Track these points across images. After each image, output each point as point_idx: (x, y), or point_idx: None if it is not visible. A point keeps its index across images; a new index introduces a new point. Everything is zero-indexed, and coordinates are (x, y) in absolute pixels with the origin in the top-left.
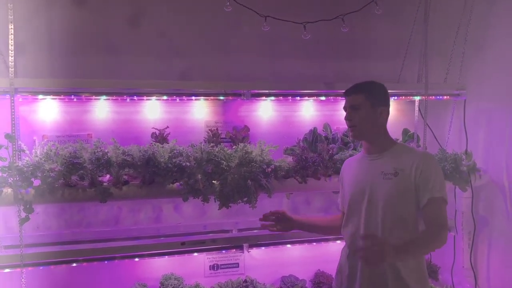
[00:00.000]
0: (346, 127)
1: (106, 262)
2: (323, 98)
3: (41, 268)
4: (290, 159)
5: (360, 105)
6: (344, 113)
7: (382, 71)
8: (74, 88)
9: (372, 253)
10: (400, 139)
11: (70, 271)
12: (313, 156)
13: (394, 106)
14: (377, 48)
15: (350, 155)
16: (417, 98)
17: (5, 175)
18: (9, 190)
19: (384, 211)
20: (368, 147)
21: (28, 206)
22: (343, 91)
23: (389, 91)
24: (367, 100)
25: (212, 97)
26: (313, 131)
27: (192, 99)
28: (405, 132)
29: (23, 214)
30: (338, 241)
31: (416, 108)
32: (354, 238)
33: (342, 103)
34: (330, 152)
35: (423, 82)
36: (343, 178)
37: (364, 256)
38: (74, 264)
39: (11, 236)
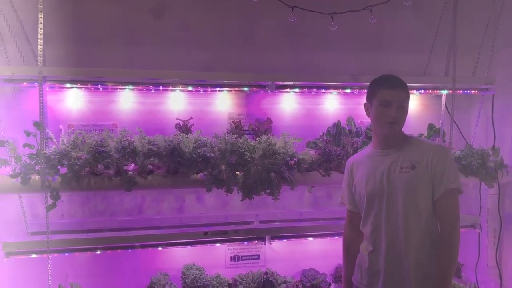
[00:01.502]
0: (376, 122)
1: (129, 250)
2: (348, 90)
3: (66, 254)
4: (312, 152)
5: (405, 100)
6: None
7: (408, 63)
8: (100, 77)
9: None
10: (425, 134)
11: (94, 258)
12: (337, 150)
13: (419, 101)
14: (404, 40)
15: None
16: (444, 92)
17: (32, 162)
18: (37, 177)
19: (404, 205)
20: (384, 142)
21: (55, 193)
22: (368, 83)
23: (415, 84)
24: (408, 95)
25: (236, 89)
26: (337, 125)
27: (216, 91)
28: (431, 127)
29: (50, 201)
30: None
31: (443, 103)
32: (376, 234)
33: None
34: (355, 145)
35: (450, 76)
36: (352, 176)
37: None
38: (98, 252)
39: (38, 223)
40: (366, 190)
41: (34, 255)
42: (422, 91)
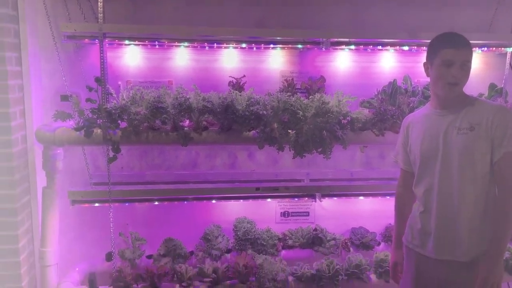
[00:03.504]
0: (436, 82)
1: (184, 202)
2: (405, 48)
3: (126, 204)
4: (366, 111)
5: (469, 61)
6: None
7: (471, 19)
8: (157, 34)
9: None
10: (486, 94)
11: (151, 209)
12: (392, 109)
13: (481, 59)
14: None
15: None
16: (509, 50)
17: (95, 116)
18: (99, 130)
19: (459, 168)
20: (443, 102)
21: (115, 146)
22: (428, 40)
23: (478, 41)
24: (471, 55)
25: (289, 46)
26: (393, 83)
27: (269, 48)
28: (492, 87)
29: (111, 154)
30: None
31: (507, 61)
32: (428, 195)
33: (424, 54)
34: (410, 105)
35: None
36: (408, 135)
37: None
38: (156, 203)
39: (99, 174)
40: (421, 150)
41: (96, 204)
42: (485, 48)
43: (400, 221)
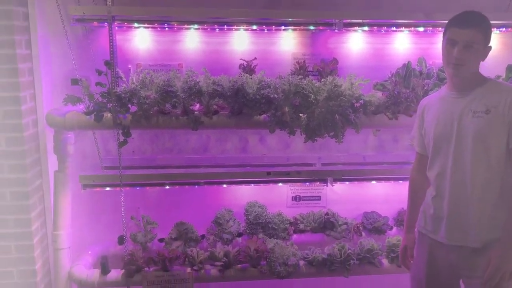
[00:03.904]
0: (443, 62)
1: (195, 186)
2: (420, 29)
3: (137, 188)
4: (379, 94)
5: (475, 42)
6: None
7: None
8: (166, 16)
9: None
10: (503, 76)
11: (163, 193)
12: (406, 92)
13: (499, 39)
14: None
15: None
16: None
17: (104, 100)
18: (109, 115)
19: (473, 152)
20: (458, 84)
21: (126, 131)
22: (444, 21)
23: (497, 22)
24: (482, 37)
25: (301, 27)
26: (407, 65)
27: (280, 29)
28: (510, 68)
29: (122, 138)
30: None
31: None
32: (440, 179)
33: (440, 35)
34: (425, 88)
35: None
36: (423, 117)
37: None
38: (167, 187)
39: (110, 158)
40: (435, 133)
41: (108, 188)
42: (504, 29)
43: (412, 206)
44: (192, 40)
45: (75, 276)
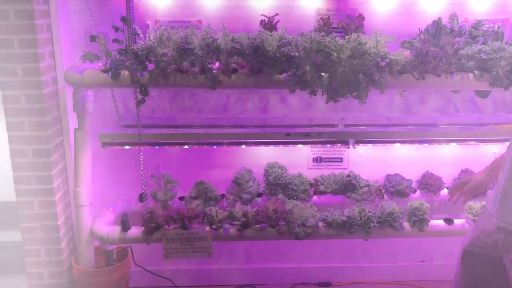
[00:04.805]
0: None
1: (215, 146)
2: None
3: (156, 147)
4: (407, 53)
5: None
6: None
7: None
8: None
9: None
10: None
11: (183, 152)
12: (435, 50)
13: None
14: None
15: (479, 50)
16: None
17: (122, 58)
18: (126, 72)
19: None
20: None
21: (143, 89)
22: None
23: None
24: None
25: None
26: (437, 22)
27: None
28: None
29: (140, 96)
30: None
31: None
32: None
33: None
34: (456, 46)
35: None
36: None
37: None
38: (186, 146)
39: (130, 116)
40: None
41: (127, 147)
42: None
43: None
44: None
45: (96, 232)
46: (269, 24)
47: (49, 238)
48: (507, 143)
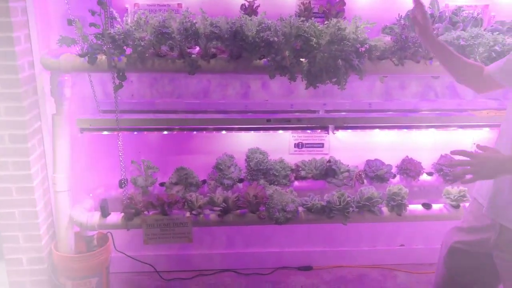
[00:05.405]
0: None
1: (195, 132)
2: None
3: (135, 133)
4: (388, 38)
5: None
6: None
7: None
8: None
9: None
10: None
11: (163, 138)
12: (414, 36)
13: None
14: None
15: (458, 36)
16: None
17: (99, 42)
18: (103, 57)
19: None
20: None
21: (121, 74)
22: None
23: None
24: None
25: None
26: None
27: None
28: None
29: (117, 81)
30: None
31: None
32: (501, 137)
33: None
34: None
35: None
36: None
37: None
38: (165, 132)
39: (109, 102)
40: None
41: (105, 132)
42: None
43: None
44: None
45: (75, 219)
46: (249, 9)
47: (27, 224)
48: (485, 129)
